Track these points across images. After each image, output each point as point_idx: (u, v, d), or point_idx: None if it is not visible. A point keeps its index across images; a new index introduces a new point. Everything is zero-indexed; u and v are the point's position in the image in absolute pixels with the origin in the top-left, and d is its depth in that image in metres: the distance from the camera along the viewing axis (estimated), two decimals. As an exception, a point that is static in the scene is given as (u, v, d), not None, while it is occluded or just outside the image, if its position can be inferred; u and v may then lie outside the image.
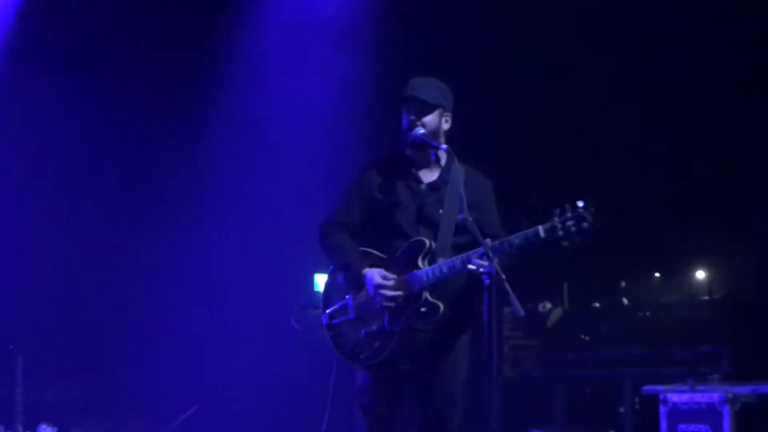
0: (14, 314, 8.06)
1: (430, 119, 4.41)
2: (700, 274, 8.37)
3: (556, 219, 4.04)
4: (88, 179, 8.58)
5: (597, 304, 8.54)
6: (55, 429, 6.88)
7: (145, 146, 8.63)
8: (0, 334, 7.67)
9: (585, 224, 3.99)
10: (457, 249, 4.30)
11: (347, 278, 4.40)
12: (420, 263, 4.28)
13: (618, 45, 8.00)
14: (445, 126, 4.46)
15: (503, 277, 3.91)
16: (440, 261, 4.25)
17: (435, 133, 4.41)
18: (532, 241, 4.07)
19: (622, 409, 7.74)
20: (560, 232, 4.02)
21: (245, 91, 8.51)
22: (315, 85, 8.30)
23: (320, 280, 9.34)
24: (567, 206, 4.05)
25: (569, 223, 4.01)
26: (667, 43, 7.92)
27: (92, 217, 8.56)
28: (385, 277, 4.28)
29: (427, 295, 4.26)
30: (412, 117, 4.41)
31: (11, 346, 7.37)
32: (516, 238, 4.10)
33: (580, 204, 4.03)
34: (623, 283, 8.61)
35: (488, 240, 4.11)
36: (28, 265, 8.35)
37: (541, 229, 4.06)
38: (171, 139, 8.56)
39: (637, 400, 7.55)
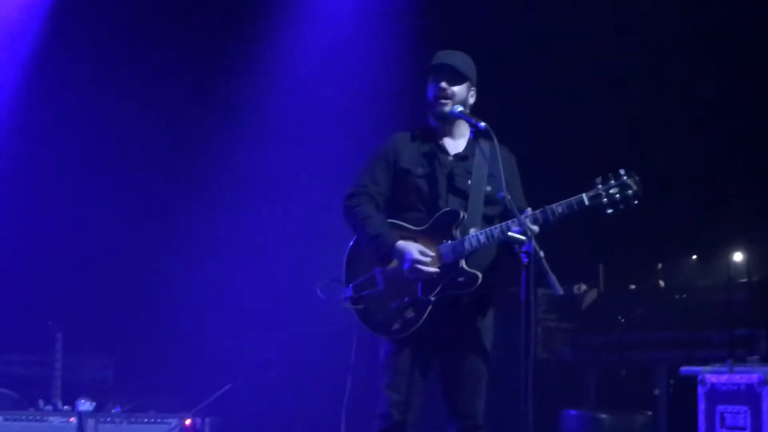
0: (54, 291, 8.17)
1: (459, 89, 4.40)
2: (738, 257, 8.26)
3: (600, 186, 4.10)
4: (130, 158, 8.66)
5: (633, 286, 8.47)
6: (94, 403, 6.96)
7: (191, 124, 8.72)
8: (40, 311, 7.78)
9: (630, 191, 4.07)
10: (487, 220, 4.30)
11: (377, 250, 4.33)
12: (454, 233, 4.27)
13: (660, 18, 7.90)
14: (471, 100, 4.47)
15: (542, 255, 3.91)
16: (473, 231, 4.24)
17: (463, 104, 4.40)
18: (575, 209, 4.10)
19: (656, 392, 7.69)
20: (604, 200, 4.08)
21: (291, 76, 8.55)
22: (362, 74, 8.31)
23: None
24: (609, 174, 4.11)
25: (613, 190, 4.07)
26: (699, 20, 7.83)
27: (132, 198, 8.63)
28: (423, 253, 4.25)
29: (464, 264, 4.25)
30: (443, 84, 4.37)
31: (50, 322, 7.46)
32: (558, 207, 4.13)
33: (622, 172, 4.09)
34: (660, 265, 8.52)
35: (529, 209, 4.14)
36: (68, 242, 8.45)
37: (585, 196, 4.10)
38: (217, 117, 8.65)
39: (672, 382, 7.51)
